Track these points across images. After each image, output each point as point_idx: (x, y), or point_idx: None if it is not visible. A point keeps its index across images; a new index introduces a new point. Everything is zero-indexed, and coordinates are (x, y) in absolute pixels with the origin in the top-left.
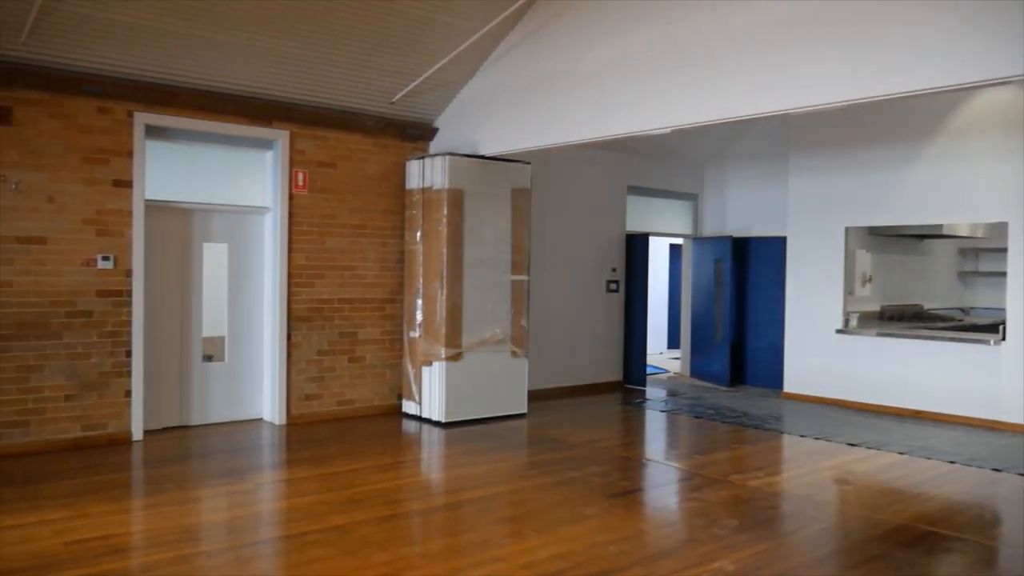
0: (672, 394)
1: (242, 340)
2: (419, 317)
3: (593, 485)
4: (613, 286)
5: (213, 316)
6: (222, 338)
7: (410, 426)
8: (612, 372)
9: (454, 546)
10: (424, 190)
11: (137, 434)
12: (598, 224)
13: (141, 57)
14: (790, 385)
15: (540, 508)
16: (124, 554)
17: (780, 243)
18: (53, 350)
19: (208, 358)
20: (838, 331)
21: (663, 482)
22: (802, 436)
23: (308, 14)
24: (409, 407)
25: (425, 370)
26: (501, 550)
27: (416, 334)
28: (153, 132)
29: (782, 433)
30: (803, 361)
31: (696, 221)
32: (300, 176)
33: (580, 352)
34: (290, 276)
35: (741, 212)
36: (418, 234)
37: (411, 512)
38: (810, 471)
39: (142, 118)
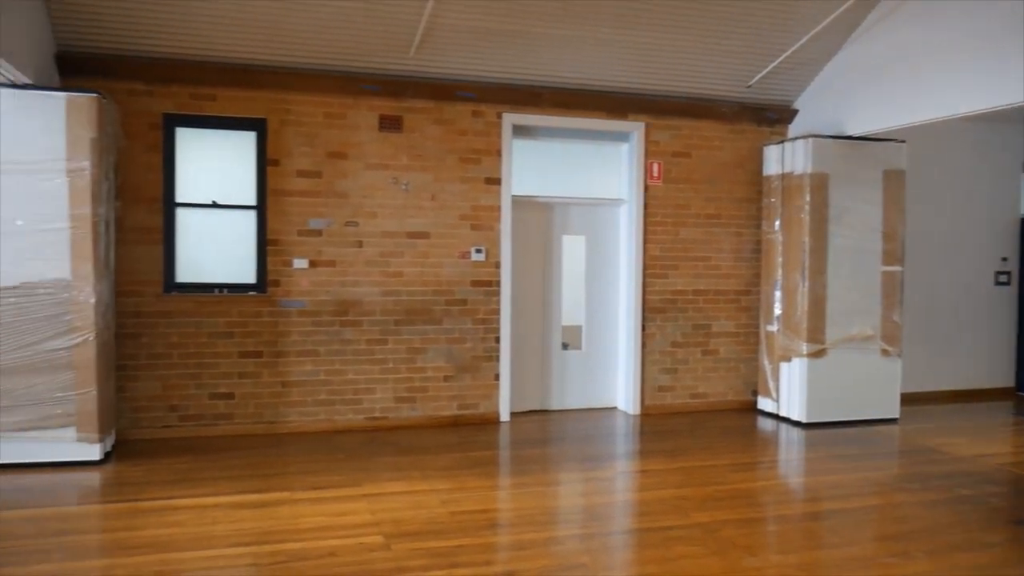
0: None
1: (598, 330)
2: (777, 310)
3: (992, 508)
4: (1003, 278)
5: (571, 306)
6: (579, 327)
7: (766, 424)
8: (1002, 377)
9: (832, 560)
10: (784, 176)
11: (504, 415)
12: (984, 207)
13: (508, 61)
14: None
15: (927, 528)
16: (501, 529)
17: None
18: (435, 335)
19: (566, 346)
20: None
21: None
22: None
23: (660, 4)
24: (765, 404)
25: (784, 366)
26: (889, 571)
27: (774, 328)
28: (519, 131)
29: None
30: None
31: None
32: (655, 167)
33: (962, 353)
34: (645, 267)
35: None
36: (777, 223)
37: (777, 517)
38: None
39: (510, 119)
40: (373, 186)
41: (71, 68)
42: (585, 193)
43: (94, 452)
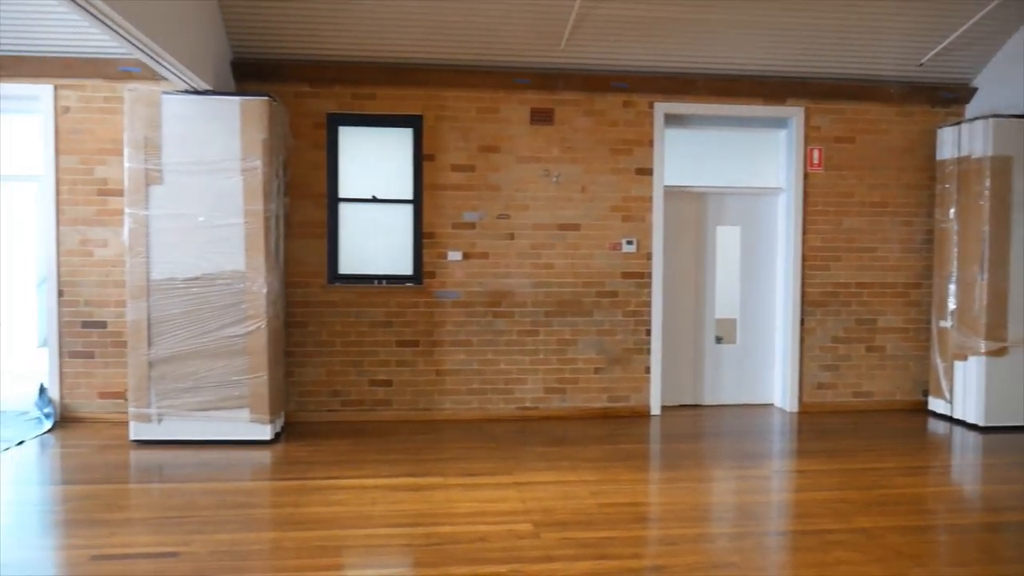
0: None
1: (753, 323)
2: (952, 305)
3: None
4: None
5: (725, 298)
6: (733, 320)
7: (938, 427)
8: None
9: None
10: (960, 160)
11: (655, 409)
12: None
13: (660, 49)
14: None
15: None
16: (650, 523)
17: None
18: (585, 326)
19: (719, 340)
20: None
21: None
22: None
23: None
24: (937, 405)
25: (959, 365)
26: None
27: (948, 324)
28: (671, 120)
29: None
30: None
31: None
32: (815, 153)
33: None
34: (804, 259)
35: None
36: (951, 211)
37: (948, 526)
38: None
39: (662, 108)
40: (524, 179)
41: (245, 73)
42: (740, 182)
43: (265, 432)
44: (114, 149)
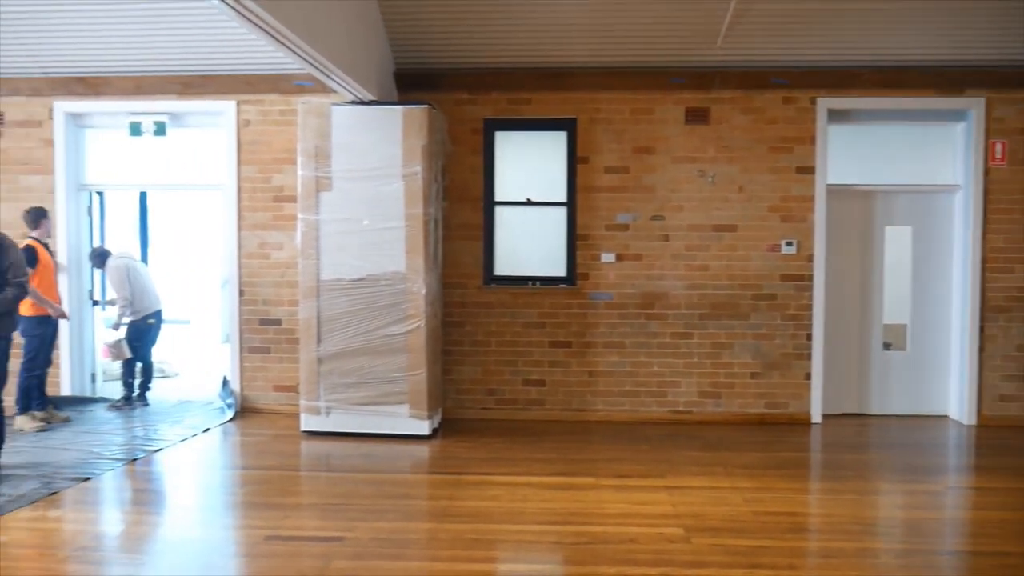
0: None
1: (926, 329)
2: None
3: None
4: None
5: (894, 302)
6: (903, 326)
7: None
8: None
9: None
10: None
11: (816, 417)
12: None
13: (822, 42)
14: None
15: None
16: (807, 534)
17: None
18: (741, 330)
19: (888, 346)
20: None
21: None
22: None
23: None
24: None
25: None
26: None
27: None
28: (834, 116)
29: None
30: None
31: None
32: (998, 147)
33: None
34: (984, 260)
35: None
36: None
37: None
38: None
39: (824, 103)
40: (679, 179)
41: (406, 83)
42: (912, 180)
43: (423, 428)
44: (288, 159)
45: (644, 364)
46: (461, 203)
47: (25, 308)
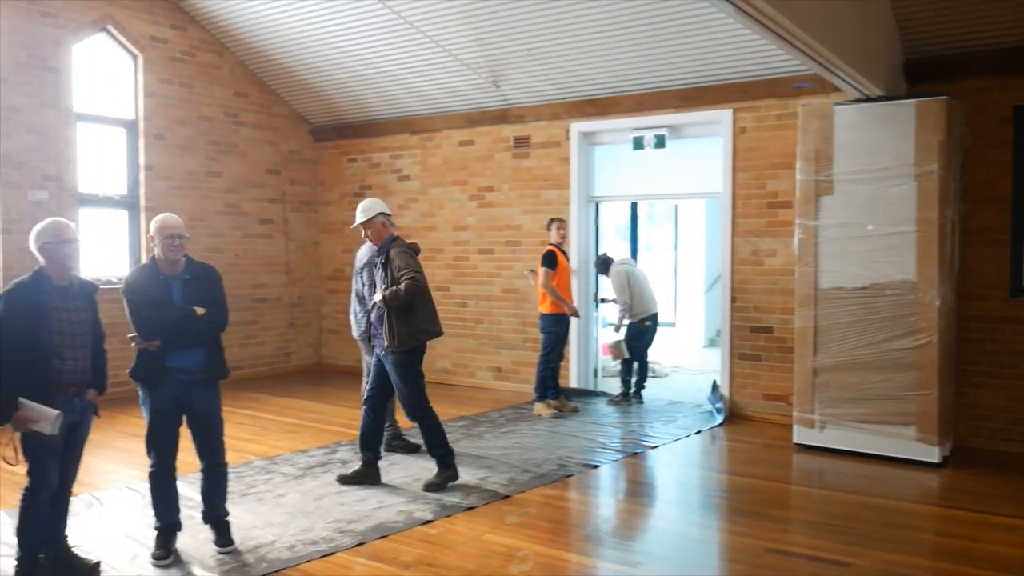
0: None
1: None
2: None
3: None
4: None
5: None
6: None
7: None
8: None
9: None
10: None
11: None
12: None
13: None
14: None
15: None
16: None
17: None
18: None
19: None
20: None
21: None
22: None
23: None
24: None
25: None
26: None
27: None
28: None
29: None
30: None
31: None
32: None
33: None
34: None
35: None
36: None
37: None
38: None
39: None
40: None
41: (915, 74)
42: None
43: (933, 454)
44: (784, 163)
45: None
46: (983, 204)
47: (544, 306)
